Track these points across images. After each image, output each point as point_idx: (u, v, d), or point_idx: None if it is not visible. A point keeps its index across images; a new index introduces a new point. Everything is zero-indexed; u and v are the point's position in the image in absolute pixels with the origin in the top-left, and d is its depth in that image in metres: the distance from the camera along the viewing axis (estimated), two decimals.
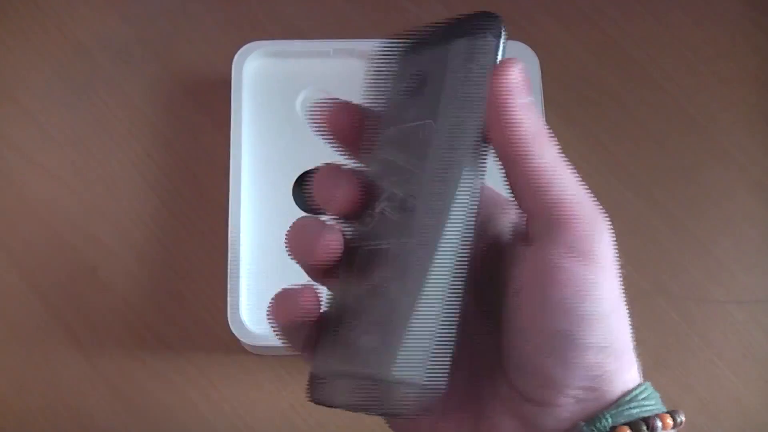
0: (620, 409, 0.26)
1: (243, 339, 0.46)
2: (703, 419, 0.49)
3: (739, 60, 0.57)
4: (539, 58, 0.52)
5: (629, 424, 0.25)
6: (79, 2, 0.58)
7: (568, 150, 0.60)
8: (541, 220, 0.26)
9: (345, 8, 0.58)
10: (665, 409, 0.27)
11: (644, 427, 0.25)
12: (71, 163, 0.54)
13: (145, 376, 0.49)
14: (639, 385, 0.27)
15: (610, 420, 0.25)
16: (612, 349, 0.26)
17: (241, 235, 0.48)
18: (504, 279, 0.27)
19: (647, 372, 0.28)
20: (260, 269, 0.48)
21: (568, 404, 0.26)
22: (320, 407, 0.28)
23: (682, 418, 0.26)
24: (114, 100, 0.55)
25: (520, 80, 0.25)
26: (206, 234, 0.52)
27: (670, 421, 0.26)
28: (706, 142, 0.55)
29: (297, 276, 0.29)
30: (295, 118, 0.52)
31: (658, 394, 0.27)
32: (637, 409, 0.26)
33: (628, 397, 0.26)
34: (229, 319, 0.46)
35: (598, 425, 0.25)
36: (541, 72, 0.52)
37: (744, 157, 0.55)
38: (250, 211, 0.49)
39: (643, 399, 0.26)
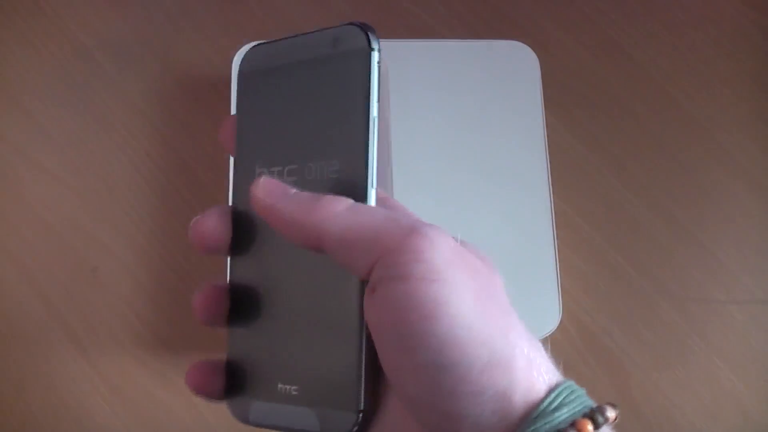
0: (530, 429, 0.23)
1: None
2: (703, 419, 0.49)
3: (739, 60, 0.57)
4: (539, 58, 0.52)
5: None
6: (80, 3, 0.58)
7: (568, 150, 0.60)
8: (366, 266, 0.24)
9: (345, 8, 0.58)
10: (587, 410, 0.24)
11: None
12: (71, 163, 0.54)
13: (145, 376, 0.49)
14: (552, 391, 0.24)
15: None
16: (495, 362, 0.23)
17: None
18: (369, 332, 0.26)
19: (647, 372, 0.27)
20: None
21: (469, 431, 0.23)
22: None
23: (610, 414, 0.24)
24: (114, 100, 0.55)
25: (267, 185, 0.27)
26: None
27: (590, 427, 0.23)
28: (706, 142, 0.55)
29: None
30: None
31: (581, 392, 0.24)
32: (547, 425, 0.23)
33: (534, 414, 0.23)
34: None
35: None
36: (541, 72, 0.52)
37: (744, 157, 0.55)
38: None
39: (554, 410, 0.23)
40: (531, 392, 0.23)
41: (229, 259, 0.29)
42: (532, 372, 0.23)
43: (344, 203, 0.25)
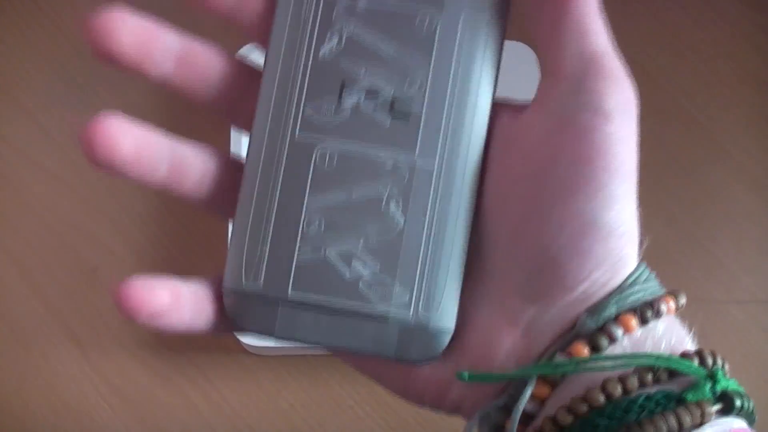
0: (623, 294, 0.23)
1: (243, 339, 0.46)
2: None
3: (739, 60, 0.57)
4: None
5: (635, 311, 0.23)
6: (80, 2, 0.58)
7: None
8: (574, 80, 0.23)
9: None
10: (664, 290, 0.24)
11: (650, 313, 0.23)
12: (71, 163, 0.54)
13: (145, 376, 0.49)
14: (639, 265, 0.24)
15: (614, 309, 0.23)
16: (631, 232, 0.23)
17: None
18: (492, 169, 0.24)
19: None
20: None
21: (575, 299, 0.23)
22: (322, 406, 0.27)
23: (684, 300, 0.24)
24: (114, 100, 0.55)
25: None
26: (206, 234, 0.52)
27: (673, 305, 0.24)
28: (706, 141, 0.55)
29: None
30: None
31: (654, 275, 0.24)
32: (641, 293, 0.23)
33: (630, 280, 0.23)
34: None
35: (603, 314, 0.23)
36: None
37: (744, 157, 0.55)
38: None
39: (645, 281, 0.23)
40: (625, 264, 0.24)
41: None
42: (634, 244, 0.24)
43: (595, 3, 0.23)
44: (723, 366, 0.23)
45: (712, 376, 0.22)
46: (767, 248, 0.53)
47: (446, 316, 0.23)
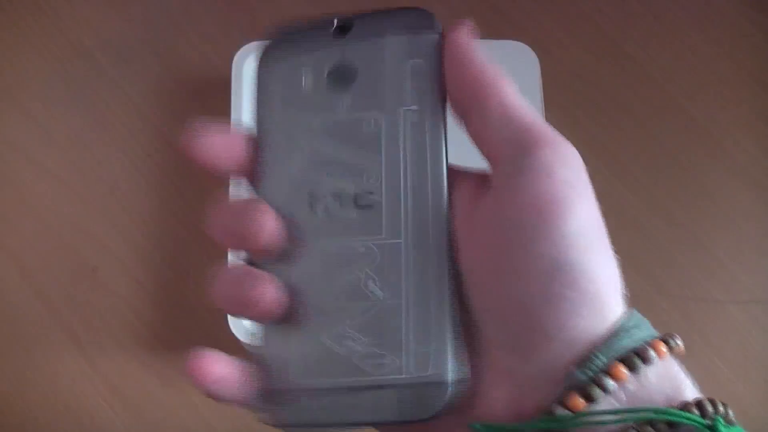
0: (610, 342, 0.23)
1: (243, 339, 0.46)
2: None
3: (739, 60, 0.57)
4: (539, 58, 0.52)
5: (622, 360, 0.23)
6: (80, 2, 0.58)
7: None
8: (510, 151, 0.25)
9: (345, 9, 0.58)
10: (658, 335, 0.24)
11: (638, 361, 0.23)
12: (71, 163, 0.54)
13: (145, 376, 0.49)
14: (626, 313, 0.24)
15: (604, 359, 0.23)
16: (600, 272, 0.24)
17: None
18: (461, 234, 0.26)
19: None
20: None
21: (560, 348, 0.23)
22: None
23: (679, 342, 0.24)
24: (114, 100, 0.55)
25: (471, 38, 0.27)
26: (206, 234, 0.52)
27: (664, 349, 0.24)
28: (706, 142, 0.55)
29: None
30: None
31: (647, 321, 0.25)
32: (628, 341, 0.23)
33: (617, 328, 0.24)
34: (229, 320, 0.46)
35: (590, 366, 0.23)
36: (541, 72, 0.52)
37: (744, 157, 0.55)
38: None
39: (633, 328, 0.24)
40: (610, 313, 0.24)
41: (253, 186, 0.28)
42: (612, 293, 0.24)
43: (514, 85, 0.26)
44: (726, 412, 0.23)
45: (713, 428, 0.23)
46: (767, 248, 0.53)
47: (440, 371, 0.24)
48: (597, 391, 0.23)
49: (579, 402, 0.23)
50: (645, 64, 0.57)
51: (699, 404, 0.23)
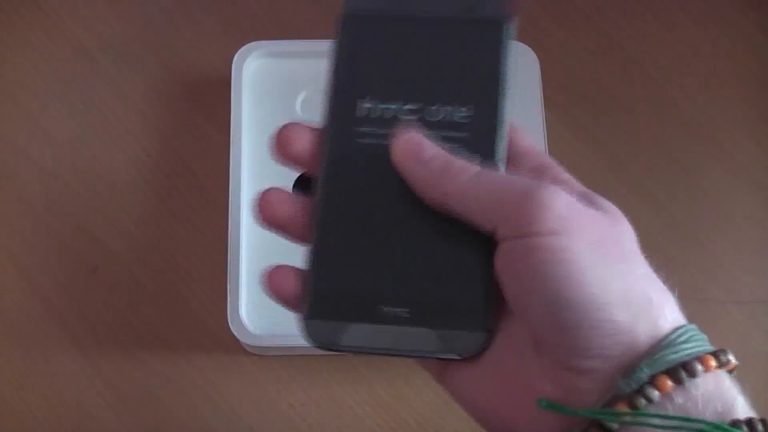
0: (656, 357, 0.25)
1: (243, 339, 0.46)
2: None
3: (739, 60, 0.57)
4: (539, 58, 0.52)
5: (667, 372, 0.24)
6: (80, 3, 0.58)
7: (568, 150, 0.60)
8: (488, 229, 0.26)
9: None
10: (710, 350, 0.26)
11: (684, 373, 0.24)
12: (71, 163, 0.54)
13: (145, 376, 0.49)
14: (677, 329, 0.26)
15: (647, 370, 0.24)
16: (614, 300, 0.25)
17: (241, 235, 0.48)
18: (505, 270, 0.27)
19: None
20: (260, 269, 0.48)
21: (604, 365, 0.25)
22: (321, 406, 0.28)
23: (730, 357, 0.26)
24: (114, 100, 0.55)
25: (417, 139, 0.28)
26: (206, 234, 0.52)
27: (713, 363, 0.25)
28: (706, 142, 0.55)
29: None
30: (295, 118, 0.52)
31: (704, 336, 0.26)
32: (674, 355, 0.25)
33: (664, 343, 0.25)
34: (229, 320, 0.46)
35: (635, 377, 0.24)
36: (541, 72, 0.52)
37: (744, 157, 0.55)
38: (250, 211, 0.49)
39: (682, 342, 0.25)
40: (655, 328, 0.25)
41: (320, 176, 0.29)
42: (653, 311, 0.26)
43: (469, 173, 0.27)
44: None
45: None
46: (767, 248, 0.53)
47: (477, 318, 0.27)
48: (642, 401, 0.24)
49: (624, 410, 0.24)
50: (645, 64, 0.57)
51: (749, 423, 0.24)
